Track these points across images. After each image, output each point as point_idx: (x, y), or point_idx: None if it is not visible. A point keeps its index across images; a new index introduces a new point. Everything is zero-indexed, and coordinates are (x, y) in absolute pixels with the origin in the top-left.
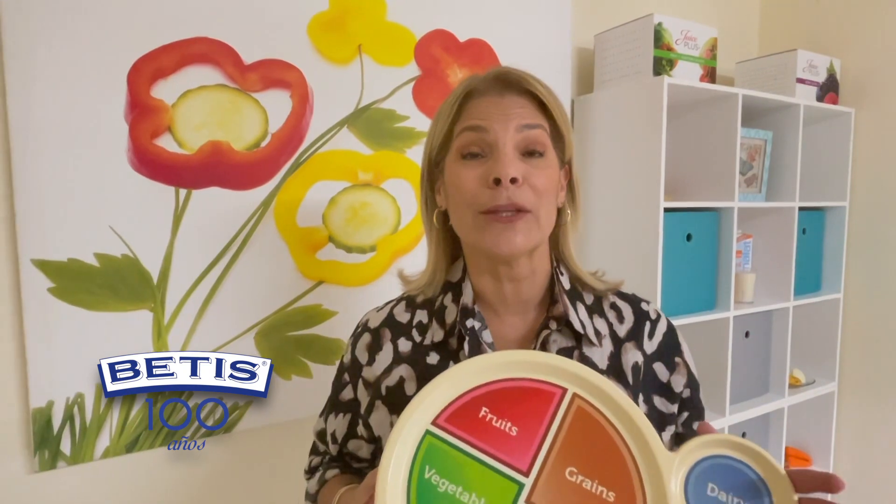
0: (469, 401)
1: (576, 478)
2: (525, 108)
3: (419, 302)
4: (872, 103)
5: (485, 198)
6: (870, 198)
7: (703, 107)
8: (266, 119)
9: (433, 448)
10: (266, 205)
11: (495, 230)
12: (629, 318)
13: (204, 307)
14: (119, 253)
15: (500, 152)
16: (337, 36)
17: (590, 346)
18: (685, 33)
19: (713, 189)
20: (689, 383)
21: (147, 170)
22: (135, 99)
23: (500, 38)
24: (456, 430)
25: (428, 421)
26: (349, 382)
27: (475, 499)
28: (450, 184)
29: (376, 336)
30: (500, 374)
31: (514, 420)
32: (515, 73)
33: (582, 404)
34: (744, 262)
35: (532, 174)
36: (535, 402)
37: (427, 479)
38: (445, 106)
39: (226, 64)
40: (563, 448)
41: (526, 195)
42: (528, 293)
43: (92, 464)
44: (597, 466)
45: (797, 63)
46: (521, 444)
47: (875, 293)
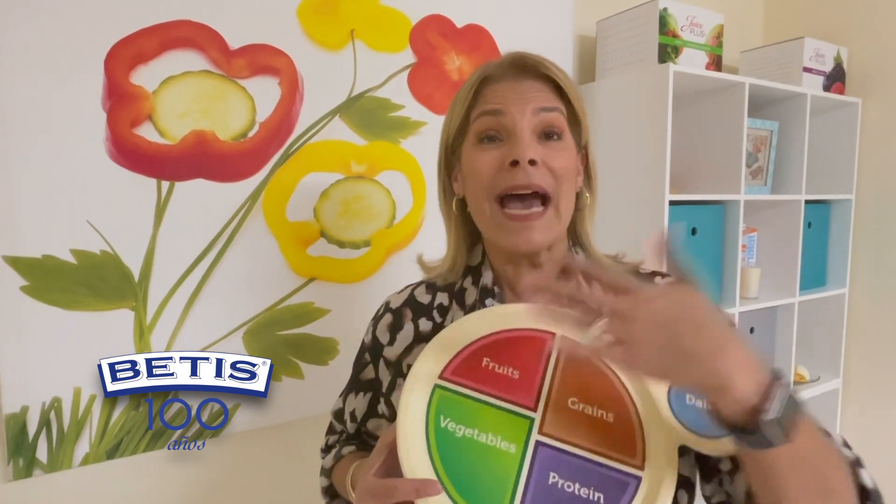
0: (470, 353)
1: (578, 406)
2: (542, 93)
3: (440, 285)
4: (880, 94)
5: (502, 180)
6: (876, 191)
7: (707, 96)
8: (253, 107)
9: (445, 399)
10: (254, 198)
11: (513, 229)
12: None
13: (189, 306)
14: (97, 249)
15: (517, 135)
16: (328, 20)
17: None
18: (691, 19)
19: (718, 181)
20: None
21: (127, 161)
22: (113, 85)
23: (499, 24)
24: (463, 380)
25: (436, 376)
26: (370, 362)
27: (492, 438)
28: (467, 169)
29: (397, 316)
30: (493, 327)
31: (515, 365)
32: (532, 58)
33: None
34: (748, 257)
35: (550, 156)
36: (530, 348)
37: (444, 428)
38: (462, 92)
39: (210, 49)
40: (562, 382)
41: (545, 177)
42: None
43: (71, 471)
44: (593, 393)
45: (804, 52)
46: (524, 384)
47: (881, 289)
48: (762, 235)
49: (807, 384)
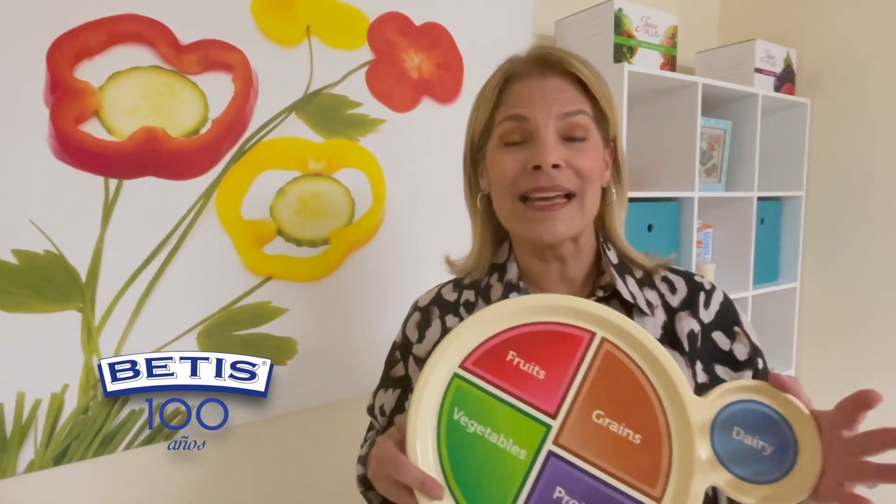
0: (496, 344)
1: (603, 420)
2: (566, 93)
3: (466, 283)
4: (827, 94)
5: (525, 182)
6: (825, 188)
7: (663, 96)
8: (205, 104)
9: (461, 391)
10: (207, 196)
11: (535, 219)
12: (682, 289)
13: (139, 307)
14: (41, 249)
15: (540, 139)
16: (283, 16)
17: (641, 315)
18: (645, 20)
19: (674, 179)
20: (754, 352)
21: (72, 158)
22: (55, 80)
23: (458, 22)
24: (483, 372)
25: (456, 364)
26: (400, 360)
27: (503, 440)
28: (491, 170)
29: (426, 314)
30: (527, 318)
31: (542, 363)
32: (557, 55)
33: (610, 348)
34: (704, 252)
35: (575, 157)
36: (562, 346)
37: (456, 421)
38: (486, 91)
39: (160, 44)
40: (591, 391)
41: (569, 178)
42: (574, 271)
43: (14, 479)
44: (624, 410)
45: (755, 53)
46: (548, 387)
47: (830, 282)
48: (717, 231)
49: None
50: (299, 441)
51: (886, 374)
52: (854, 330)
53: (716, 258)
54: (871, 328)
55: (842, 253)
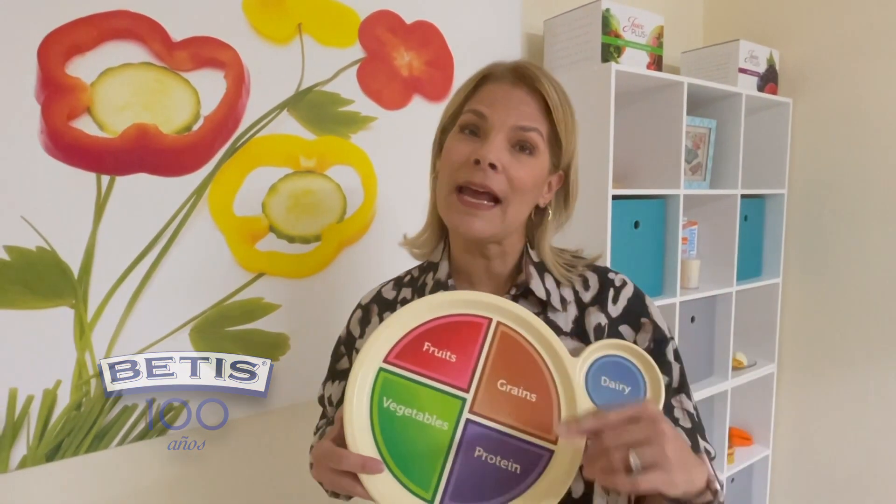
0: (413, 338)
1: (506, 387)
2: (529, 108)
3: (405, 281)
4: (809, 94)
5: (463, 174)
6: (806, 186)
7: (649, 95)
8: (198, 100)
9: (387, 382)
10: (199, 192)
11: (460, 211)
12: (595, 285)
13: (132, 303)
14: (34, 245)
15: (489, 138)
16: (275, 13)
17: (554, 311)
18: (632, 20)
19: (660, 176)
20: (653, 337)
21: (63, 154)
22: (47, 76)
23: (448, 21)
24: (405, 363)
25: (380, 359)
26: (345, 354)
27: (428, 416)
28: (444, 154)
29: (366, 311)
30: (435, 313)
31: (452, 349)
32: (533, 71)
33: (505, 329)
34: (689, 249)
35: (514, 167)
36: (467, 333)
37: (386, 408)
38: (465, 84)
39: (152, 41)
40: (493, 366)
41: (499, 183)
42: (498, 269)
43: (7, 475)
44: (521, 376)
45: (739, 53)
46: (459, 367)
47: (812, 278)
48: (702, 228)
49: (744, 369)
50: (292, 435)
51: (865, 366)
52: (834, 323)
53: (701, 254)
54: (850, 322)
55: (822, 249)
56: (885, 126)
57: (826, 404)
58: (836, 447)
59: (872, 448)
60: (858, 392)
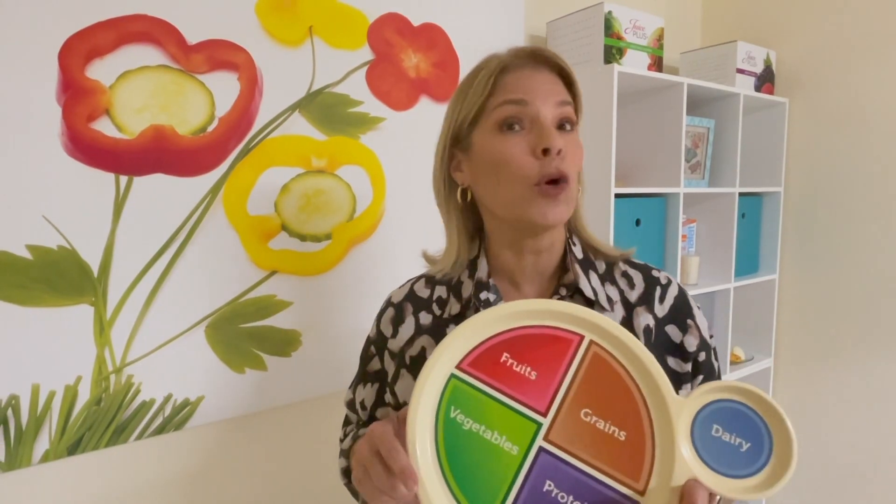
0: (491, 346)
1: (590, 418)
2: (557, 85)
3: (438, 279)
4: (805, 94)
5: (535, 168)
6: (802, 184)
7: (649, 95)
8: (213, 102)
9: (458, 390)
10: (214, 192)
11: (545, 204)
12: (640, 284)
13: (150, 300)
14: (55, 244)
15: (543, 125)
16: (286, 16)
17: (601, 311)
18: (634, 22)
19: (660, 175)
20: (701, 345)
21: (83, 155)
22: (67, 79)
23: (454, 23)
24: (479, 373)
25: (453, 365)
26: (376, 354)
27: (497, 436)
28: (487, 158)
29: (399, 310)
30: (520, 321)
31: (534, 365)
32: (549, 51)
33: (598, 351)
34: (688, 246)
35: (568, 145)
36: (553, 348)
37: (453, 418)
38: (477, 82)
39: (168, 44)
40: (579, 391)
41: (568, 165)
42: (545, 264)
43: (30, 469)
44: (610, 408)
45: (737, 54)
46: (539, 387)
47: (807, 274)
48: (700, 226)
49: (742, 363)
50: (307, 428)
51: (860, 361)
52: (829, 318)
53: (700, 251)
54: (845, 317)
55: (818, 245)
56: (878, 125)
57: (822, 398)
58: (832, 440)
59: (868, 441)
60: (854, 385)
